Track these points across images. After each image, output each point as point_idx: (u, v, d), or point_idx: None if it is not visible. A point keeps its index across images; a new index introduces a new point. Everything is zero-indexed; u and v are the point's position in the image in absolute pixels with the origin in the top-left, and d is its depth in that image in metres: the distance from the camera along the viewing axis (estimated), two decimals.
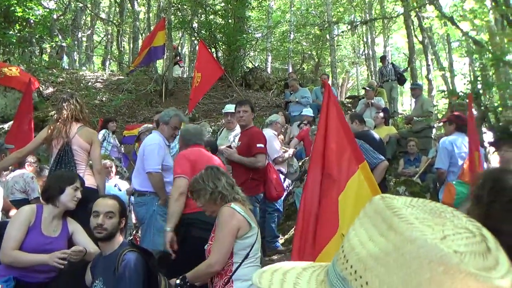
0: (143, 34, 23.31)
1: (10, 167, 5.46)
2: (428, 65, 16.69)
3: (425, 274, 0.59)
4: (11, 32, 15.69)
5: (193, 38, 20.74)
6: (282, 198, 6.23)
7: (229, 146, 5.58)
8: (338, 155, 2.17)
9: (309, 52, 23.24)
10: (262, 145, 5.12)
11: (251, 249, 2.90)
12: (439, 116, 11.43)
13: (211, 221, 3.66)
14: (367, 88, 10.89)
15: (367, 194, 2.18)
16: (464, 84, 11.59)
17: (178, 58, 18.09)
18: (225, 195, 2.99)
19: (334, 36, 19.63)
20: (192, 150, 4.39)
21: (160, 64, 21.24)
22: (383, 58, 14.46)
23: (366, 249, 0.64)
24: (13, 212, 4.54)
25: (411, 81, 15.89)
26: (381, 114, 9.50)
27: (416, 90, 10.21)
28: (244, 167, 5.17)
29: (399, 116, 14.66)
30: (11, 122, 10.20)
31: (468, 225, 0.65)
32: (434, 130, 9.98)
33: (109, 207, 3.07)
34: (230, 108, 6.78)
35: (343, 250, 0.69)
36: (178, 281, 2.96)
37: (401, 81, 13.24)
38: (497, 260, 0.61)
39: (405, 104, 32.35)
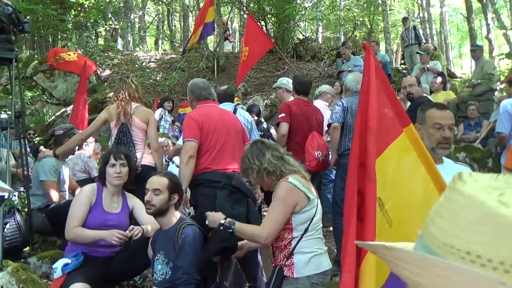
0: (193, 12, 23.48)
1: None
2: (487, 24, 15.82)
3: (470, 218, 0.67)
4: (67, 17, 16.21)
5: (242, 12, 20.66)
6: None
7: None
8: (379, 118, 2.08)
9: (361, 19, 22.57)
10: (283, 114, 5.23)
11: (310, 222, 2.83)
12: (502, 78, 10.87)
13: (214, 179, 3.86)
14: (421, 53, 10.49)
15: (414, 158, 2.09)
16: None
17: (227, 33, 18.13)
18: (271, 170, 2.88)
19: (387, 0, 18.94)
20: (199, 110, 4.27)
21: (210, 40, 21.34)
22: (404, 20, 13.73)
23: (433, 208, 0.75)
24: (78, 191, 4.78)
25: (471, 43, 15.15)
26: (439, 79, 9.14)
27: (476, 51, 9.73)
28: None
29: (459, 79, 14.08)
30: (72, 105, 10.67)
31: None
32: (496, 93, 9.52)
33: (155, 185, 3.16)
34: (278, 83, 6.75)
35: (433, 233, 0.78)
36: (223, 221, 2.89)
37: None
38: None
39: (465, 66, 31.02)
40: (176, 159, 6.94)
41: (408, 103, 5.73)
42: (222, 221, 2.89)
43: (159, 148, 4.67)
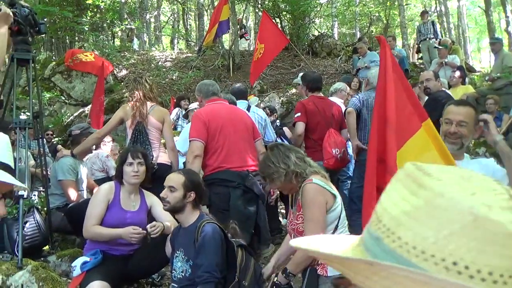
0: (208, 10, 23.53)
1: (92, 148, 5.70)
2: (507, 17, 15.57)
3: (456, 224, 0.61)
4: (83, 19, 16.36)
5: (257, 10, 20.63)
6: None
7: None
8: (397, 112, 2.03)
9: (377, 14, 22.38)
10: (298, 114, 5.25)
11: (339, 220, 2.84)
12: None
13: (228, 178, 3.92)
14: (439, 47, 10.35)
15: (433, 153, 2.03)
16: None
17: (243, 31, 18.11)
18: (299, 172, 2.85)
19: None
20: (206, 109, 4.29)
21: (226, 38, 21.36)
22: (423, 13, 13.61)
23: (398, 208, 0.68)
24: (96, 190, 4.82)
25: (489, 36, 14.92)
26: (457, 73, 9.02)
27: (496, 44, 9.59)
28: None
29: (478, 73, 13.89)
30: (90, 105, 10.80)
31: (496, 187, 0.67)
32: None
33: (171, 182, 3.16)
34: (297, 79, 6.78)
35: (376, 213, 0.73)
36: (279, 277, 2.87)
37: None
38: None
39: (484, 60, 30.57)
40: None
41: (426, 98, 5.66)
42: (278, 278, 2.88)
43: (174, 147, 4.68)
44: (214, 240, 2.99)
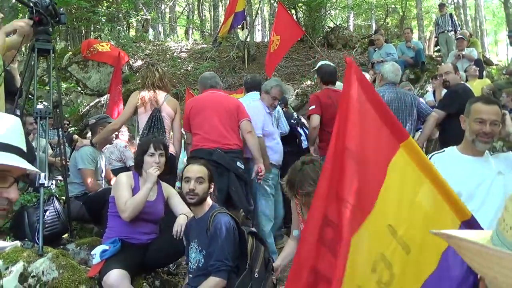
0: (223, 1, 23.46)
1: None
2: None
3: None
4: (99, 10, 16.42)
5: (273, 1, 20.53)
6: None
7: None
8: (373, 141, 1.83)
9: (393, 6, 22.12)
10: (313, 107, 5.29)
11: None
12: None
13: (198, 156, 4.26)
14: (462, 37, 10.23)
15: (417, 174, 1.84)
16: None
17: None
18: None
19: None
20: (195, 97, 4.94)
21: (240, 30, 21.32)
22: (441, 6, 13.50)
23: None
24: (113, 180, 4.86)
25: (507, 29, 14.68)
26: (475, 67, 8.92)
27: None
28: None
29: (495, 66, 13.74)
30: (106, 96, 10.86)
31: None
32: None
33: (199, 173, 3.18)
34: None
35: (504, 219, 0.75)
36: None
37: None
38: None
39: (501, 53, 30.15)
40: None
41: (444, 91, 5.62)
42: None
43: (181, 138, 4.86)
44: (226, 229, 3.02)
